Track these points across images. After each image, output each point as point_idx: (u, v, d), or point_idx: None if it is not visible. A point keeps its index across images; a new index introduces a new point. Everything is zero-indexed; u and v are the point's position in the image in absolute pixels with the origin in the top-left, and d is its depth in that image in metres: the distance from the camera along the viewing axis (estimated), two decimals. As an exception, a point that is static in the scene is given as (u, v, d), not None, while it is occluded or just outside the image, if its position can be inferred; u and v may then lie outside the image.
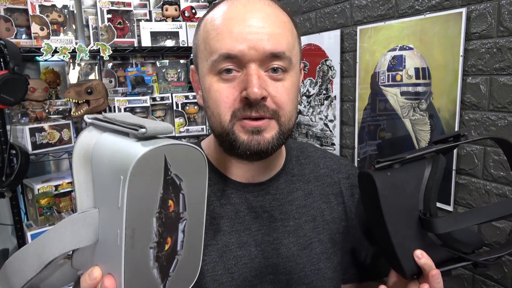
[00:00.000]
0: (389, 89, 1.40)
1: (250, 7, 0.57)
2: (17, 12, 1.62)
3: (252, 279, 0.62)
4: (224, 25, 0.56)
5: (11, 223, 1.70)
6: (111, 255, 0.37)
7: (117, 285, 0.37)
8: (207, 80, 0.58)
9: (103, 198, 0.38)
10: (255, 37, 0.54)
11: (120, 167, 0.34)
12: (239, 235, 0.63)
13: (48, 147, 1.62)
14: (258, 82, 0.54)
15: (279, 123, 0.58)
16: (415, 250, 0.55)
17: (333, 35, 1.64)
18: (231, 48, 0.54)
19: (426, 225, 0.55)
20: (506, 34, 1.06)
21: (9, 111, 1.64)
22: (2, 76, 1.39)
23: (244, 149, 0.57)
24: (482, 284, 1.18)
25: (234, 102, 0.56)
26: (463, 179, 1.19)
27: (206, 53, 0.58)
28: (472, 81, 1.15)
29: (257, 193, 0.65)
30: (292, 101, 0.59)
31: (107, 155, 0.37)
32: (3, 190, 1.51)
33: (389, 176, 0.55)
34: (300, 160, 0.73)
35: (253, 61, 0.55)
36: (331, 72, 1.69)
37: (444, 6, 1.20)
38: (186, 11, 1.97)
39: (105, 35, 1.78)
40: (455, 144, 0.58)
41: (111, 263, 0.37)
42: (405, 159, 0.56)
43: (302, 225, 0.67)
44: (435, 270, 0.54)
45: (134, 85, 1.90)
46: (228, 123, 0.57)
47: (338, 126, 1.69)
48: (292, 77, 0.59)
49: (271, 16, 0.57)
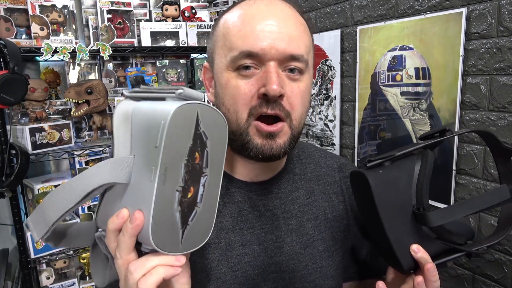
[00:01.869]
0: (389, 89, 1.40)
1: (272, 6, 0.58)
2: (17, 12, 1.62)
3: (255, 277, 0.62)
4: (246, 22, 0.57)
5: (11, 223, 1.70)
6: (142, 193, 0.41)
7: (145, 220, 0.40)
8: (224, 76, 0.58)
9: (141, 145, 0.43)
10: (276, 36, 0.55)
11: (162, 114, 0.40)
12: (242, 234, 0.63)
13: (48, 147, 1.62)
14: (278, 80, 0.55)
15: (291, 127, 0.59)
16: (411, 244, 0.56)
17: (333, 35, 1.64)
18: (252, 46, 0.55)
19: (420, 219, 0.56)
20: (506, 34, 1.06)
21: (9, 111, 1.64)
22: (2, 76, 1.39)
23: (257, 153, 0.57)
24: (482, 284, 1.18)
25: (251, 98, 0.56)
26: (463, 179, 1.19)
27: (226, 49, 0.58)
28: (472, 81, 1.15)
29: (260, 192, 0.66)
30: (304, 104, 0.60)
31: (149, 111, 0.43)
32: (3, 190, 1.51)
33: (381, 174, 0.56)
34: (301, 160, 0.73)
35: (273, 59, 0.56)
36: (331, 72, 1.69)
37: (444, 6, 1.20)
38: (186, 11, 1.97)
39: (105, 35, 1.78)
40: (441, 139, 0.60)
41: (141, 201, 0.41)
42: (395, 156, 0.58)
43: (304, 223, 0.67)
44: (430, 264, 0.55)
45: (134, 85, 1.90)
46: (244, 122, 0.57)
47: (338, 126, 1.69)
48: (307, 79, 0.60)
49: (292, 18, 0.58)
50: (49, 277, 1.75)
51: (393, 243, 0.56)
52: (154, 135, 0.40)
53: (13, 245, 1.77)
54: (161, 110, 0.41)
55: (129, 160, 0.43)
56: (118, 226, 0.42)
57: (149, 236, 0.40)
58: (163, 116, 0.39)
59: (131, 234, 0.41)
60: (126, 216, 0.42)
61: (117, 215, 0.43)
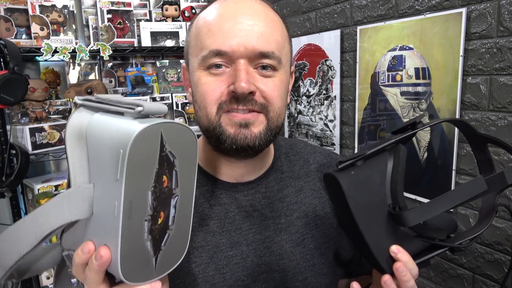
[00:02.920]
0: (389, 89, 1.40)
1: (241, 4, 0.58)
2: (17, 12, 1.62)
3: (245, 278, 0.61)
4: (215, 21, 0.57)
5: (11, 223, 1.70)
6: (106, 228, 0.38)
7: (112, 255, 0.38)
8: (196, 75, 0.58)
9: (99, 173, 0.39)
10: (245, 34, 0.55)
11: (119, 141, 0.36)
12: (230, 235, 0.62)
13: (48, 147, 1.62)
14: (246, 77, 0.54)
15: (267, 118, 0.58)
16: (390, 246, 0.54)
17: (333, 35, 1.64)
18: (221, 44, 0.55)
19: (396, 219, 0.53)
20: (506, 34, 1.06)
21: (9, 111, 1.64)
22: (2, 76, 1.39)
23: (231, 143, 0.56)
24: (482, 284, 1.18)
25: (221, 95, 0.56)
26: (463, 179, 1.19)
27: (197, 49, 0.58)
28: (472, 81, 1.15)
29: (247, 192, 0.65)
30: (281, 97, 0.59)
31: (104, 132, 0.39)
32: (3, 190, 1.51)
33: (353, 175, 0.54)
34: (289, 157, 0.73)
35: (242, 57, 0.55)
36: (331, 72, 1.69)
37: (444, 6, 1.20)
38: (186, 11, 1.97)
39: (105, 35, 1.78)
40: (413, 132, 0.57)
41: (106, 236, 0.38)
42: (366, 155, 0.55)
43: (294, 221, 0.66)
44: (398, 263, 0.52)
45: (134, 85, 1.90)
46: (214, 116, 0.57)
47: (338, 126, 1.69)
48: (282, 75, 0.59)
49: (261, 14, 0.58)
50: (49, 277, 1.75)
51: (372, 246, 0.53)
52: (112, 166, 0.36)
53: (13, 245, 1.77)
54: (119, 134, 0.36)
55: (89, 190, 0.40)
56: (84, 261, 0.40)
57: (119, 272, 0.38)
58: (122, 143, 0.35)
59: (98, 270, 0.39)
60: (92, 250, 0.40)
61: (82, 250, 0.40)
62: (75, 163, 0.41)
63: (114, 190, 0.36)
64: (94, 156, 0.40)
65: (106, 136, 0.38)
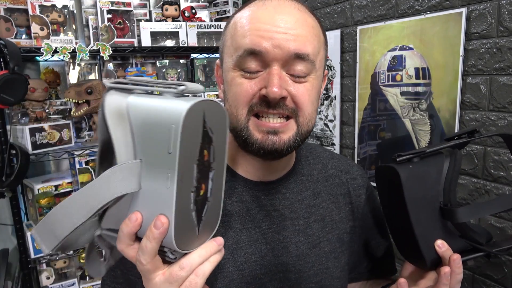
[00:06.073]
0: (389, 89, 1.40)
1: (280, 9, 0.58)
2: (17, 12, 1.62)
3: (262, 276, 0.62)
4: (252, 23, 0.57)
5: (11, 223, 1.70)
6: (159, 200, 0.41)
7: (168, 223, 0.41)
8: (230, 75, 0.59)
9: (148, 149, 0.41)
10: (281, 36, 0.55)
11: (170, 117, 0.39)
12: (249, 233, 0.63)
13: (48, 147, 1.62)
14: (279, 82, 0.54)
15: (297, 123, 0.58)
16: (436, 240, 0.57)
17: (333, 35, 1.64)
18: (256, 44, 0.55)
19: (447, 215, 0.57)
20: (506, 34, 1.06)
21: (9, 111, 1.64)
22: (2, 76, 1.39)
23: (258, 148, 0.57)
24: (482, 284, 1.18)
25: (252, 97, 0.57)
26: (463, 179, 1.19)
27: (232, 49, 0.59)
28: (472, 81, 1.15)
29: (268, 192, 0.66)
30: (312, 103, 0.59)
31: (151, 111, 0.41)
32: (3, 190, 1.51)
33: (411, 168, 0.58)
34: (309, 160, 0.73)
35: (277, 60, 0.55)
36: (331, 72, 1.69)
37: (444, 6, 1.20)
38: (186, 11, 1.97)
39: (105, 35, 1.78)
40: (470, 139, 0.61)
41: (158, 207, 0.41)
42: (425, 153, 0.59)
43: (311, 224, 0.67)
44: (456, 255, 0.56)
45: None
46: (244, 118, 0.57)
47: (338, 126, 1.69)
48: (314, 80, 0.59)
49: (299, 20, 0.58)
50: (49, 277, 1.75)
51: (419, 237, 0.57)
52: (164, 140, 0.39)
53: (13, 245, 1.77)
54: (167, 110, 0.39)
55: (137, 165, 0.42)
56: (132, 230, 0.42)
57: (172, 241, 0.40)
58: (172, 119, 0.38)
59: (158, 239, 0.41)
60: (140, 219, 0.42)
61: (129, 219, 0.42)
62: (119, 140, 0.43)
63: (167, 163, 0.39)
64: (141, 134, 0.42)
65: (153, 114, 0.40)
